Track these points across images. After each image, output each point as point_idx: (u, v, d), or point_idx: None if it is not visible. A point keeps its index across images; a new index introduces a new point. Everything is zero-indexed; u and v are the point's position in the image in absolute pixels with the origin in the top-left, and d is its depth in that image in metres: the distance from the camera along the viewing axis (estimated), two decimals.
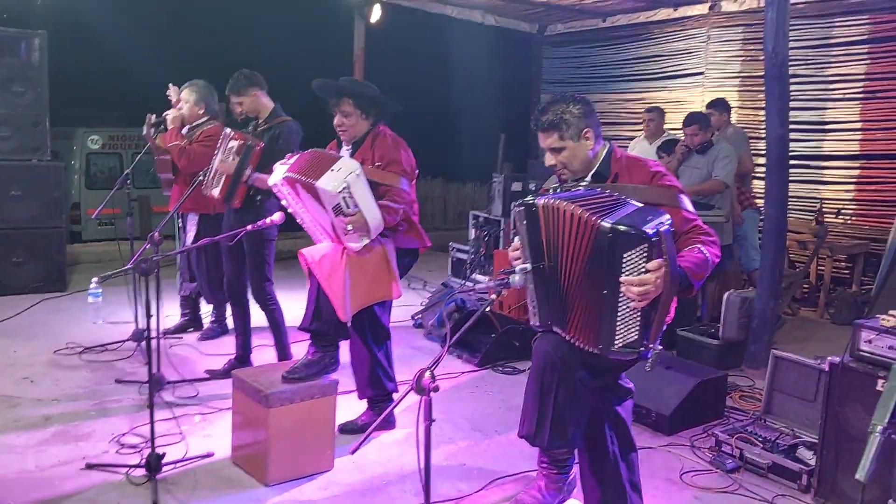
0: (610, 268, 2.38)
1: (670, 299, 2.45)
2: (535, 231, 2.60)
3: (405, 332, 6.12)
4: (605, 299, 2.42)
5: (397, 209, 3.65)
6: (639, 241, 2.34)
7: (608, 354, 2.48)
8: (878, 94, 7.34)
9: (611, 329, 2.43)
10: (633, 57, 9.86)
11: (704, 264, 2.54)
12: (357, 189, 3.47)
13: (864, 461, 1.42)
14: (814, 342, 6.01)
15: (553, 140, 2.74)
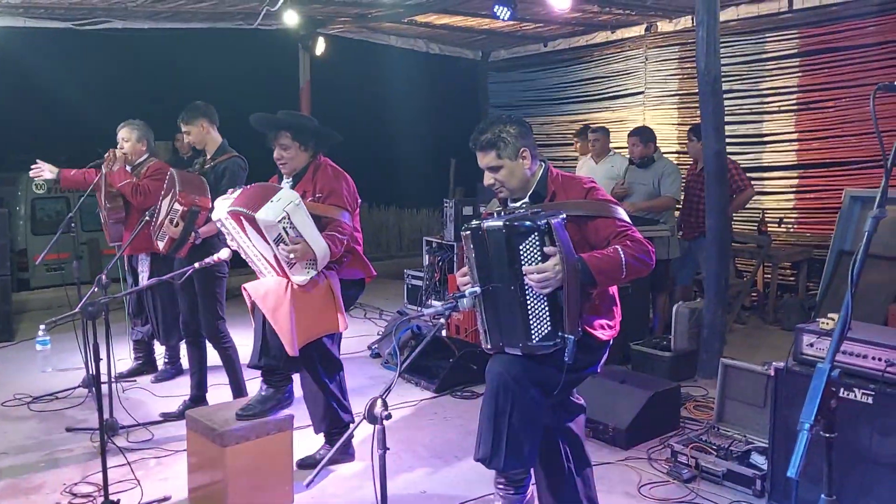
0: (511, 262, 2.55)
1: (575, 288, 2.53)
2: (483, 254, 2.66)
3: (361, 362, 6.10)
4: (514, 295, 2.55)
5: (342, 238, 3.67)
6: (529, 232, 2.53)
7: (529, 351, 2.58)
8: (812, 104, 7.61)
9: (525, 324, 2.56)
10: (575, 79, 10.08)
11: (616, 263, 2.61)
12: (297, 218, 3.49)
13: (794, 458, 1.47)
14: (764, 349, 6.15)
15: (491, 159, 2.79)
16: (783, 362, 3.56)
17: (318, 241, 3.54)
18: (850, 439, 3.18)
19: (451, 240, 7.46)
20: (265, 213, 3.44)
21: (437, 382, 5.34)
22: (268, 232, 3.48)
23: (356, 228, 3.91)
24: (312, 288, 3.68)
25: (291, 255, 3.47)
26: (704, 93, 5.46)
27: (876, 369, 3.17)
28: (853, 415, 3.18)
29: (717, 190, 5.50)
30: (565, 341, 2.54)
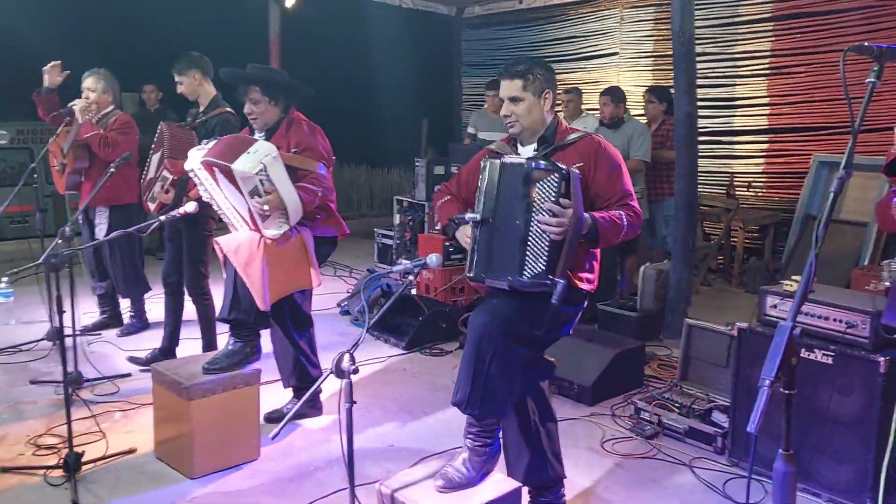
0: (524, 198, 2.60)
1: (576, 239, 2.58)
2: (496, 185, 2.70)
3: (331, 319, 6.10)
4: (518, 230, 2.61)
5: (315, 191, 3.63)
6: (549, 173, 2.58)
7: (516, 286, 2.63)
8: (784, 69, 7.63)
9: (521, 260, 2.60)
10: (550, 38, 9.99)
11: (618, 227, 2.69)
12: (274, 171, 3.45)
13: (754, 413, 1.50)
14: (729, 311, 6.24)
15: (516, 88, 2.80)
16: (746, 323, 3.62)
17: (291, 195, 3.51)
18: (810, 398, 3.26)
19: (423, 199, 7.43)
20: (242, 164, 3.40)
21: (406, 340, 5.36)
22: (243, 183, 3.44)
23: (331, 188, 3.87)
24: (285, 243, 3.65)
25: (265, 206, 3.44)
26: (678, 54, 5.45)
27: (837, 331, 3.24)
28: (813, 374, 3.25)
29: (687, 153, 5.53)
30: (555, 284, 2.57)
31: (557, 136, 2.86)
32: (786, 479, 1.56)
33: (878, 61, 1.65)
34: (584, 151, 2.80)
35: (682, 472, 3.59)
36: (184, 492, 3.34)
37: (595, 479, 3.50)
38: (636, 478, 3.53)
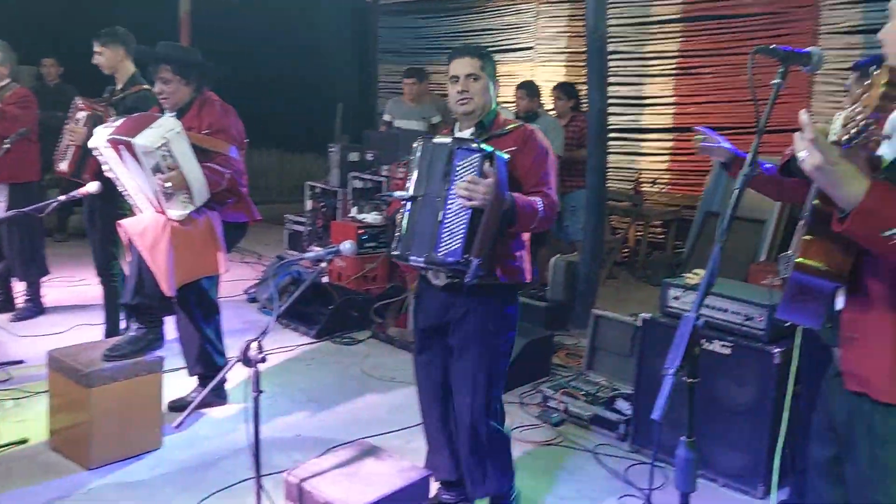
0: (445, 175, 2.64)
1: (495, 219, 2.58)
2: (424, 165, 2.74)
3: (238, 306, 5.97)
4: (436, 206, 2.64)
5: (222, 172, 3.54)
6: (472, 152, 2.62)
7: (431, 261, 2.64)
8: (691, 70, 7.89)
9: (436, 236, 2.63)
10: (467, 29, 10.02)
11: (534, 212, 2.70)
12: (177, 146, 3.35)
13: (658, 401, 1.54)
14: (633, 302, 6.43)
15: (475, 66, 2.80)
16: (650, 314, 3.74)
17: (195, 172, 3.41)
18: (709, 388, 3.39)
19: (336, 185, 7.34)
20: (143, 138, 3.29)
21: (316, 328, 5.30)
22: (146, 159, 3.32)
23: (243, 172, 3.78)
24: (193, 227, 3.55)
25: (167, 183, 3.32)
26: (592, 51, 5.56)
27: (735, 322, 3.38)
28: (712, 365, 3.39)
29: (598, 148, 5.65)
30: (468, 263, 2.57)
31: (495, 125, 2.88)
32: (687, 466, 1.61)
33: (783, 64, 1.71)
34: (517, 138, 2.83)
35: (587, 459, 3.68)
36: (80, 483, 3.22)
37: None
38: (542, 464, 3.60)
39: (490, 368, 2.83)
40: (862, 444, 1.70)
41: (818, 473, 1.91)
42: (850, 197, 1.48)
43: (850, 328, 1.71)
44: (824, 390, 1.90)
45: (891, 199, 1.46)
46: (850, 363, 1.72)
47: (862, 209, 1.46)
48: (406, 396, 4.30)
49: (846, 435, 1.77)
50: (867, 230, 1.48)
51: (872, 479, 1.68)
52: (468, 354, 2.81)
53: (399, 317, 5.38)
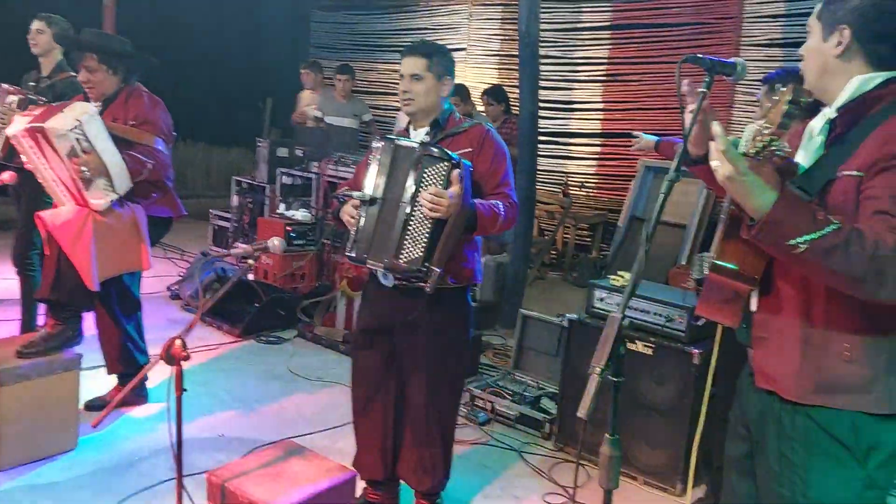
0: (413, 181, 2.60)
1: (458, 229, 2.59)
2: (388, 167, 2.69)
3: (161, 303, 5.81)
4: (401, 212, 2.61)
5: (143, 161, 3.45)
6: (440, 160, 2.59)
7: (392, 268, 2.62)
8: (619, 77, 8.07)
9: (400, 243, 2.60)
10: (400, 28, 10.00)
11: (495, 217, 2.70)
12: (91, 129, 3.26)
13: (584, 400, 1.57)
14: (559, 303, 6.53)
15: (419, 66, 2.76)
16: (576, 314, 3.81)
17: (114, 157, 3.32)
18: (631, 387, 3.48)
19: (264, 181, 7.22)
20: (55, 121, 3.20)
21: (241, 326, 5.20)
22: (60, 144, 3.22)
23: (169, 165, 3.68)
24: (116, 220, 3.45)
25: (83, 167, 3.22)
26: (524, 56, 5.63)
27: (657, 324, 3.47)
28: (635, 365, 3.47)
29: (529, 151, 5.72)
30: (430, 272, 2.57)
31: (450, 123, 2.86)
32: (611, 463, 1.65)
33: (709, 73, 1.76)
34: (472, 137, 2.82)
35: (512, 457, 3.72)
36: None
37: None
38: (468, 464, 3.62)
39: (448, 368, 2.87)
40: (771, 441, 1.77)
41: (732, 469, 1.98)
42: (758, 207, 1.54)
43: (761, 328, 1.78)
44: (739, 389, 1.97)
45: (796, 211, 1.53)
46: (761, 362, 1.79)
47: (769, 220, 1.52)
48: (332, 396, 4.26)
49: (757, 431, 1.84)
50: (773, 239, 1.54)
51: (779, 473, 1.75)
52: (425, 355, 2.81)
53: (327, 316, 5.33)
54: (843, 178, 1.63)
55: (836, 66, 1.70)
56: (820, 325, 1.68)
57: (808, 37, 1.77)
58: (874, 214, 1.56)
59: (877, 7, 1.65)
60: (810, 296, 1.69)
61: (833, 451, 1.68)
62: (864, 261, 1.49)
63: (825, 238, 1.50)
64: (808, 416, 1.70)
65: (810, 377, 1.68)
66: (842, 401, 1.66)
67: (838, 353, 1.66)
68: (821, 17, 1.74)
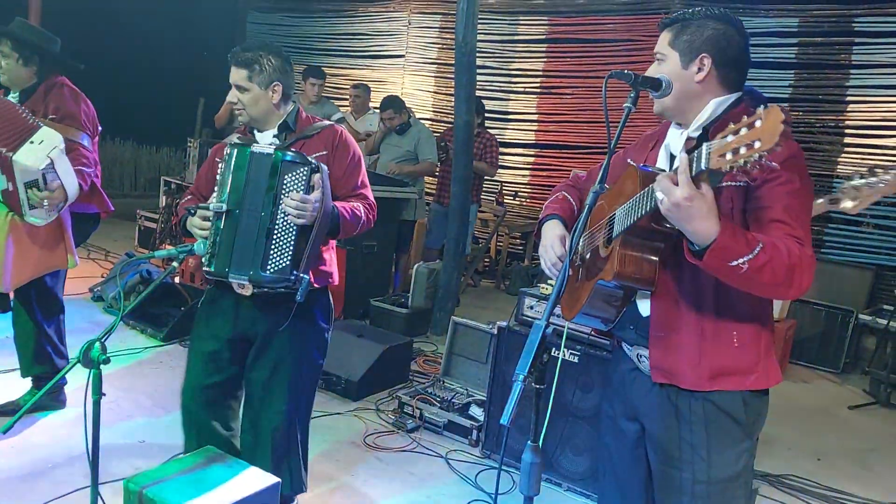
0: (270, 189, 2.52)
1: (323, 233, 2.58)
2: (241, 175, 2.55)
3: (83, 305, 5.63)
4: (262, 222, 2.51)
5: (88, 172, 3.38)
6: (299, 166, 2.52)
7: (258, 280, 2.53)
8: (553, 89, 8.20)
9: (265, 253, 2.52)
10: (338, 32, 9.97)
11: (356, 219, 2.72)
12: (60, 164, 3.19)
13: (507, 407, 1.58)
14: (491, 310, 6.59)
15: (241, 77, 2.69)
16: (506, 322, 3.84)
17: (72, 185, 3.25)
18: (557, 394, 3.51)
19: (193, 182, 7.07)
20: (25, 156, 3.10)
21: (165, 330, 5.07)
22: (21, 175, 3.12)
23: (96, 161, 3.57)
24: None
25: (45, 201, 3.16)
26: (460, 64, 5.66)
27: (584, 332, 3.53)
28: (561, 373, 3.51)
29: (463, 159, 5.76)
30: (300, 280, 2.53)
31: (299, 124, 2.81)
32: (532, 470, 1.66)
33: (634, 88, 1.83)
34: (325, 140, 2.78)
35: (439, 464, 3.72)
36: None
37: (354, 474, 3.53)
38: (394, 471, 3.61)
39: (306, 374, 2.83)
40: (669, 429, 1.93)
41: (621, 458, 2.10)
42: (703, 233, 1.64)
43: (659, 328, 1.91)
44: (617, 386, 2.12)
45: (738, 234, 1.66)
46: (658, 359, 1.92)
47: (717, 246, 1.64)
48: None
49: (651, 424, 1.99)
50: (719, 263, 1.66)
51: (679, 458, 1.91)
52: (285, 361, 2.76)
53: None
54: (728, 189, 1.79)
55: (695, 90, 1.86)
56: (712, 319, 1.85)
57: (661, 64, 1.91)
58: (771, 223, 1.74)
59: (726, 37, 1.84)
60: (701, 294, 1.85)
61: (728, 428, 1.87)
62: (784, 270, 1.67)
63: (757, 257, 1.65)
64: (706, 399, 1.87)
65: (707, 366, 1.85)
66: (733, 382, 1.85)
67: (728, 342, 1.85)
68: (674, 45, 1.88)
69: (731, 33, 1.84)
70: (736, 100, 1.86)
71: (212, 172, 2.78)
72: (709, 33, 1.84)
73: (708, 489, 1.88)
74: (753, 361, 1.86)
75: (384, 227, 5.83)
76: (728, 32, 1.84)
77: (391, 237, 6.17)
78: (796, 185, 1.74)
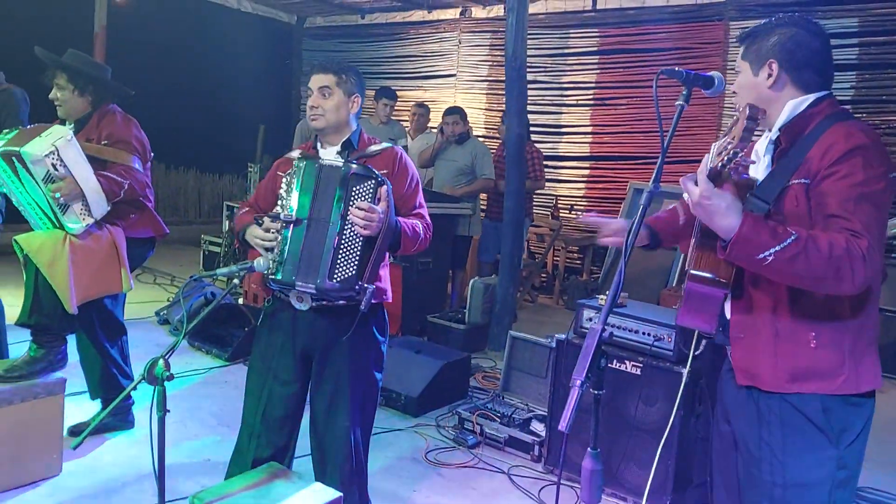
0: (339, 200, 2.55)
1: (386, 245, 2.60)
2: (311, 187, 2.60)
3: (148, 328, 5.77)
4: (331, 232, 2.55)
5: (120, 181, 3.45)
6: (367, 178, 2.57)
7: (322, 290, 2.55)
8: (607, 101, 8.14)
9: (332, 263, 2.55)
10: (390, 55, 10.09)
11: (416, 236, 2.73)
12: (67, 153, 3.26)
13: (565, 412, 1.56)
14: (550, 325, 6.52)
15: (329, 80, 2.75)
16: (564, 335, 3.79)
17: (89, 181, 3.32)
18: (620, 408, 3.46)
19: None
20: (31, 146, 3.20)
21: (229, 351, 5.16)
22: (36, 169, 3.22)
23: (147, 184, 3.68)
24: (94, 243, 3.43)
25: (57, 193, 3.23)
26: (510, 78, 5.67)
27: (645, 343, 3.46)
28: (624, 385, 3.45)
29: (516, 173, 5.75)
30: (363, 290, 2.55)
31: (360, 143, 2.86)
32: (592, 477, 1.63)
33: (686, 86, 1.84)
34: (387, 160, 2.82)
35: (501, 480, 3.68)
36: None
37: (417, 490, 3.52)
38: (457, 487, 3.58)
39: (366, 389, 2.82)
40: (752, 428, 1.92)
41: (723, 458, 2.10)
42: (725, 228, 1.71)
43: (737, 329, 1.93)
44: (720, 388, 2.13)
45: (761, 228, 1.70)
46: (740, 360, 1.94)
47: (738, 239, 1.69)
48: None
49: (737, 423, 2.00)
50: (744, 255, 1.72)
51: (759, 458, 1.90)
52: (344, 377, 2.76)
53: None
54: (794, 186, 1.82)
55: (769, 95, 1.92)
56: (787, 319, 1.85)
57: (739, 76, 2.00)
58: (827, 218, 1.75)
59: (794, 40, 1.89)
60: (776, 294, 1.85)
61: (807, 432, 1.84)
62: (822, 262, 1.67)
63: (787, 248, 1.68)
64: (784, 400, 1.86)
65: (784, 368, 1.84)
66: (813, 386, 1.82)
67: (805, 343, 1.83)
68: (745, 57, 1.97)
69: (801, 36, 1.89)
70: (815, 100, 1.89)
71: (272, 185, 2.85)
72: (774, 39, 1.90)
73: (784, 493, 1.85)
74: (836, 364, 1.81)
75: (439, 243, 5.84)
76: (797, 36, 1.89)
77: (446, 253, 6.18)
78: (858, 178, 1.73)
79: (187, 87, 9.97)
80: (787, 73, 1.89)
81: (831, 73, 1.93)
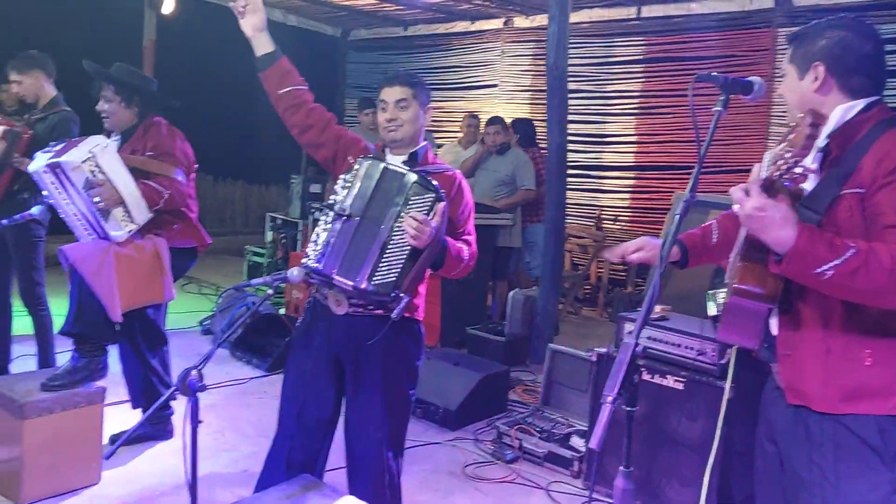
0: (396, 205, 2.55)
1: (430, 259, 2.57)
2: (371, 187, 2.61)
3: (193, 338, 5.83)
4: (381, 235, 2.54)
5: (160, 190, 3.50)
6: (427, 191, 2.56)
7: (360, 289, 2.52)
8: (652, 110, 8.01)
9: (375, 265, 2.53)
10: (433, 66, 10.09)
11: (459, 260, 2.70)
12: (105, 160, 3.34)
13: (595, 429, 1.50)
14: (594, 338, 6.41)
15: (406, 92, 2.77)
16: (605, 348, 3.71)
17: (129, 187, 3.38)
18: (661, 422, 3.36)
19: (297, 217, 7.28)
20: (70, 154, 3.29)
21: (269, 361, 5.18)
22: (75, 176, 3.30)
23: (190, 195, 3.72)
24: (138, 252, 3.49)
25: (97, 198, 3.29)
26: (552, 87, 5.62)
27: (688, 357, 3.37)
28: (665, 400, 3.36)
29: (557, 182, 5.68)
30: (398, 298, 2.52)
31: (424, 160, 2.85)
32: (624, 497, 1.57)
33: (723, 91, 1.77)
34: (447, 182, 2.80)
35: (539, 496, 3.61)
36: None
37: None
38: (493, 502, 3.53)
39: (397, 402, 2.79)
40: (801, 450, 1.84)
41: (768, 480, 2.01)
42: (780, 241, 1.63)
43: (784, 346, 1.85)
44: (763, 406, 2.03)
45: (818, 240, 1.63)
46: (788, 378, 1.86)
47: (794, 253, 1.61)
48: None
49: (785, 444, 1.91)
50: (801, 270, 1.64)
51: (809, 482, 1.81)
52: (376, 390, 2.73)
53: None
54: (847, 196, 1.74)
55: (815, 99, 1.84)
56: (839, 336, 1.77)
57: (785, 79, 1.93)
58: (884, 229, 1.68)
59: (841, 44, 1.81)
60: (828, 309, 1.77)
61: (862, 454, 1.75)
62: (884, 275, 1.60)
63: (847, 262, 1.60)
64: (837, 421, 1.77)
65: (836, 387, 1.76)
66: (867, 406, 1.74)
67: (860, 361, 1.75)
68: (793, 60, 1.90)
69: (850, 39, 1.82)
70: (866, 105, 1.81)
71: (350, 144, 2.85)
72: (822, 42, 1.83)
73: None
74: (891, 382, 1.74)
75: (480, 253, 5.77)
76: (846, 39, 1.82)
77: (486, 264, 6.12)
78: None
79: (234, 100, 10.11)
80: (834, 78, 1.81)
81: (883, 79, 1.85)
